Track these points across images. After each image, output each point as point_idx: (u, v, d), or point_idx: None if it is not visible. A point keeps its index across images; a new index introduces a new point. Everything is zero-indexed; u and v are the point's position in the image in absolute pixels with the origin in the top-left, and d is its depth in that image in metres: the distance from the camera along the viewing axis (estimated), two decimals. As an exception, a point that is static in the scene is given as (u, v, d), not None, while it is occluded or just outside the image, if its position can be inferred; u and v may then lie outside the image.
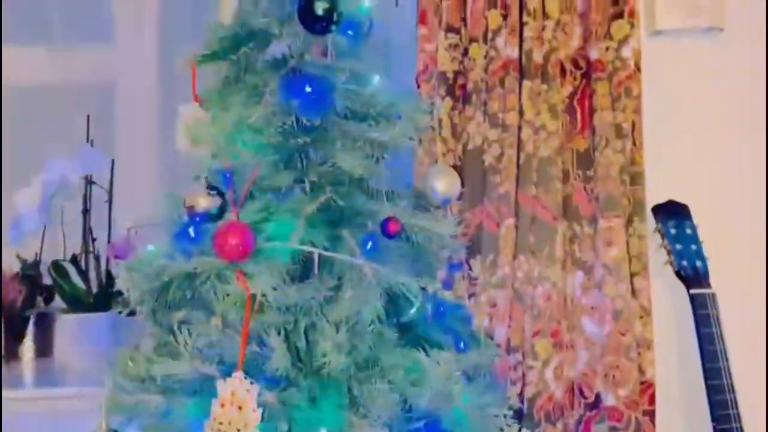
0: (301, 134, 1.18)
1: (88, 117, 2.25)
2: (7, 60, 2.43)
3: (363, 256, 1.07)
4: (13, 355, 2.06)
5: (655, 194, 1.71)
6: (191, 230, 1.11)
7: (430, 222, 1.20)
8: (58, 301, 2.17)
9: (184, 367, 0.98)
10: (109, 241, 2.20)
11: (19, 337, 2.12)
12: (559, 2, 1.69)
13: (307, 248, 1.05)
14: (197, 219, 1.13)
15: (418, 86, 1.73)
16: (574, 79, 1.72)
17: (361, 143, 1.20)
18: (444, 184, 1.22)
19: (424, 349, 1.12)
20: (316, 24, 1.13)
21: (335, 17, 1.14)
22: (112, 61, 2.57)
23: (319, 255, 1.06)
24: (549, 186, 1.65)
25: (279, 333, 1.01)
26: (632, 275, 1.65)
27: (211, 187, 1.15)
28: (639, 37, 1.70)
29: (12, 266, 2.13)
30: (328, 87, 1.15)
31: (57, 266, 2.12)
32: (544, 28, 1.68)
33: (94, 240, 2.18)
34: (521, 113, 1.66)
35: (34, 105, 2.60)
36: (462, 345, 1.23)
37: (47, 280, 2.13)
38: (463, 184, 1.65)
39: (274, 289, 0.99)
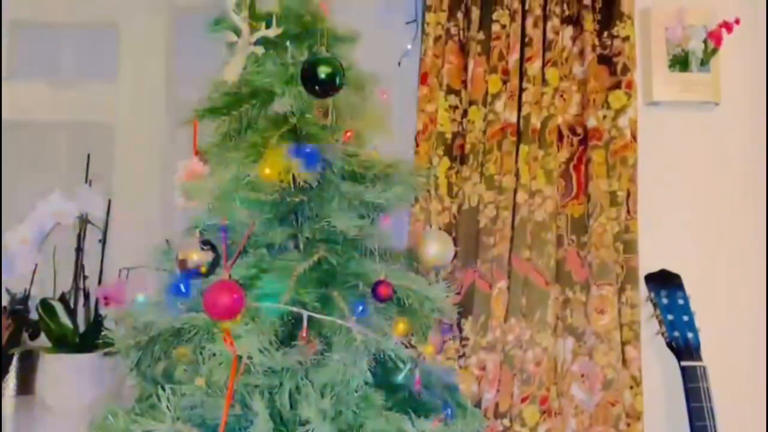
0: (298, 192, 1.18)
1: (88, 156, 2.26)
2: (9, 94, 2.46)
3: (353, 319, 1.07)
4: (-7, 391, 2.02)
5: (648, 262, 1.72)
6: (182, 285, 1.11)
7: (422, 286, 1.20)
8: (43, 339, 2.15)
9: (165, 428, 0.96)
10: (100, 282, 2.19)
11: (1, 373, 2.09)
12: (559, 70, 1.72)
13: (296, 310, 1.05)
14: (189, 273, 1.12)
15: (417, 145, 1.75)
16: (571, 144, 1.74)
17: (357, 204, 1.20)
18: (438, 249, 1.22)
19: (410, 415, 1.10)
20: (318, 88, 1.15)
21: (338, 81, 1.16)
22: (114, 99, 2.60)
23: (309, 316, 1.05)
24: (543, 250, 1.65)
25: (263, 396, 1.00)
26: (623, 344, 1.64)
27: (204, 241, 1.15)
28: (636, 107, 1.73)
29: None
30: (327, 148, 1.16)
31: (45, 304, 2.10)
32: (543, 94, 1.71)
33: (85, 279, 2.18)
34: (517, 176, 1.68)
35: (34, 140, 2.63)
36: (449, 411, 1.22)
37: (35, 316, 2.10)
38: (456, 243, 1.67)
39: (261, 351, 0.98)
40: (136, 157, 2.52)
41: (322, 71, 1.15)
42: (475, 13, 1.78)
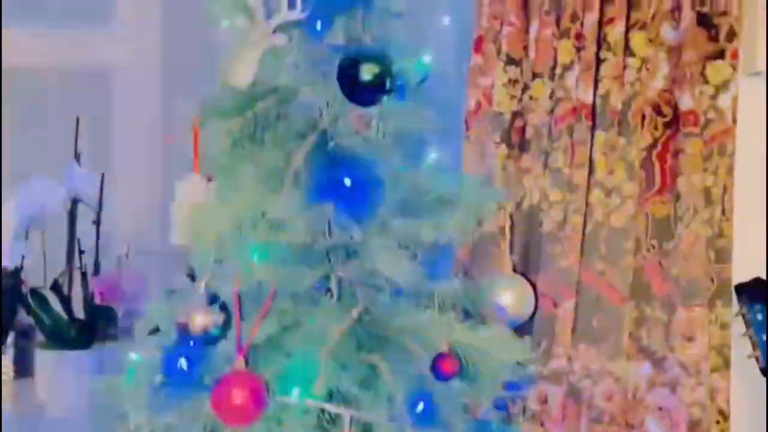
0: (334, 230, 0.90)
1: (77, 120, 1.96)
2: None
3: (409, 418, 0.81)
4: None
5: (739, 270, 1.44)
6: (183, 361, 0.84)
7: (494, 345, 0.93)
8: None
9: None
10: (96, 268, 1.95)
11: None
12: (646, 35, 1.39)
13: (334, 409, 0.79)
14: (192, 341, 0.86)
15: (468, 128, 1.44)
16: (655, 128, 1.42)
17: (408, 241, 0.92)
18: (514, 301, 0.94)
19: None
20: (360, 93, 0.84)
21: (387, 84, 0.85)
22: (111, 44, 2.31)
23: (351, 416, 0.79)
24: (619, 262, 1.37)
25: None
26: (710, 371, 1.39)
27: (211, 297, 0.88)
28: (737, 84, 1.41)
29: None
30: (374, 176, 0.87)
31: (36, 294, 1.87)
32: (626, 66, 1.38)
33: (81, 254, 1.93)
34: (591, 170, 1.38)
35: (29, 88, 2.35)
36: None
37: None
38: (512, 250, 1.39)
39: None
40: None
41: (367, 72, 0.84)
42: (541, -43, 1.43)
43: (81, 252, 1.92)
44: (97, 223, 1.94)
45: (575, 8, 1.39)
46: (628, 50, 1.39)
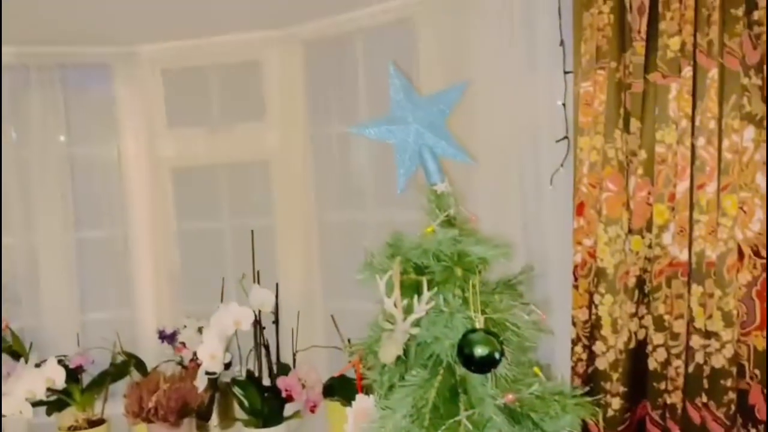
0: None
1: (253, 254, 2.37)
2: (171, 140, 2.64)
3: None
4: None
5: None
6: None
7: None
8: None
9: None
10: (278, 358, 2.41)
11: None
12: (736, 197, 1.51)
13: None
14: None
15: (575, 279, 1.66)
16: (754, 267, 1.56)
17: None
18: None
19: None
20: (475, 367, 1.14)
21: (496, 358, 1.13)
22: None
23: None
24: (722, 398, 1.54)
25: None
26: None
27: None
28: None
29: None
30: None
31: (237, 383, 2.36)
32: (719, 224, 1.53)
33: (267, 349, 2.38)
34: (690, 318, 1.56)
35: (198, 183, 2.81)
36: None
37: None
38: (624, 383, 1.62)
39: None
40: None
41: (478, 351, 1.13)
42: (635, 126, 1.59)
43: (266, 346, 2.39)
44: (276, 323, 2.41)
45: (667, 174, 1.55)
46: (720, 209, 1.53)
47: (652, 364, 1.60)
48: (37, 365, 2.14)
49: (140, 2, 2.11)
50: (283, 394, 2.25)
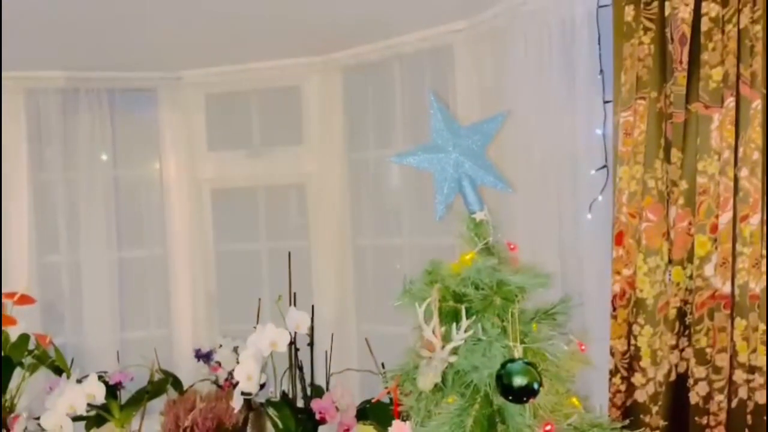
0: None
1: (290, 277, 2.39)
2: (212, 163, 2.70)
3: None
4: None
5: None
6: None
7: None
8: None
9: None
10: (312, 381, 2.42)
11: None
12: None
13: None
14: None
15: (614, 309, 1.65)
16: (798, 300, 1.53)
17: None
18: None
19: None
20: (516, 395, 1.13)
21: (535, 389, 1.13)
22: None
23: None
24: (766, 435, 1.51)
25: None
26: None
27: None
28: None
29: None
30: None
31: (272, 404, 2.38)
32: (763, 256, 1.51)
33: (302, 373, 2.40)
34: (733, 352, 1.53)
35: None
36: None
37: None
38: (663, 416, 1.59)
39: None
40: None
41: (517, 381, 1.13)
42: (676, 156, 1.58)
43: (300, 368, 2.41)
44: (311, 345, 2.43)
45: (710, 204, 1.54)
46: (764, 242, 1.50)
47: (693, 398, 1.57)
48: (79, 381, 2.19)
49: (186, 30, 2.18)
50: (317, 417, 2.26)
